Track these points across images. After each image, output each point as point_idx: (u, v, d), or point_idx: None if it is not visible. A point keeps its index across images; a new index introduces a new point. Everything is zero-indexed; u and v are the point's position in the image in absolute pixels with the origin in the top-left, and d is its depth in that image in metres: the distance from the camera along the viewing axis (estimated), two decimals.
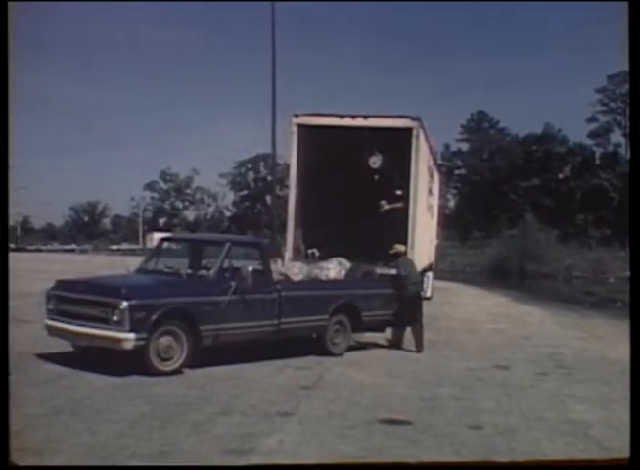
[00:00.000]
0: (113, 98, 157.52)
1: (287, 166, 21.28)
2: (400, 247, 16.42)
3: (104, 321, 11.41)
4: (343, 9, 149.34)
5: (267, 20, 33.37)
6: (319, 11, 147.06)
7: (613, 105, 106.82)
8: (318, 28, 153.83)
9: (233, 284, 12.45)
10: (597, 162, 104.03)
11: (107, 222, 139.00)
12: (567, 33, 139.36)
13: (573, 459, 8.43)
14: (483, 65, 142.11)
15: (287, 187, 20.48)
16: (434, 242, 29.32)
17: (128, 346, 11.28)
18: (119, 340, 11.28)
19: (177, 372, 11.64)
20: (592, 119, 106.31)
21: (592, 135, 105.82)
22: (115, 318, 11.30)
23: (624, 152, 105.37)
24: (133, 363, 11.40)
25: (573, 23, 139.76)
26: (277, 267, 15.06)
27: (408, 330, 15.98)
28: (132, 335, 11.26)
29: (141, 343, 11.31)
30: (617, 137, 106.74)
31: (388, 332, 16.08)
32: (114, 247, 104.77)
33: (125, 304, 11.27)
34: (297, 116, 18.51)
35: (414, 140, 18.11)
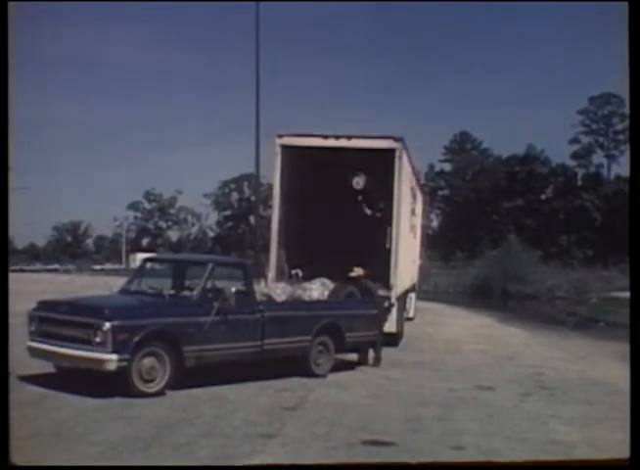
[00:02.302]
0: (96, 117, 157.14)
1: (270, 187, 21.32)
2: (359, 270, 16.43)
3: (86, 342, 11.37)
4: (326, 28, 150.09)
5: (252, 38, 33.59)
6: (302, 33, 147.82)
7: (595, 126, 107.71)
8: (302, 49, 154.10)
9: (216, 305, 12.42)
10: (579, 182, 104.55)
11: (90, 242, 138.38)
12: (549, 54, 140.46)
13: (573, 459, 8.44)
14: (466, 86, 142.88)
15: (270, 207, 20.49)
16: (418, 262, 29.37)
17: (111, 367, 11.24)
18: (102, 361, 11.23)
19: (160, 393, 11.60)
20: (574, 141, 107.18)
21: (574, 156, 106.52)
22: (98, 339, 11.26)
23: (606, 173, 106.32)
24: (116, 385, 11.36)
25: (556, 44, 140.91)
26: (260, 288, 15.07)
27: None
28: (115, 356, 11.22)
29: (124, 364, 11.27)
30: (600, 158, 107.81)
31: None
32: (98, 267, 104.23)
33: (108, 325, 11.24)
34: (280, 136, 18.56)
35: (397, 161, 18.18)
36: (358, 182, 19.71)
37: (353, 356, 15.91)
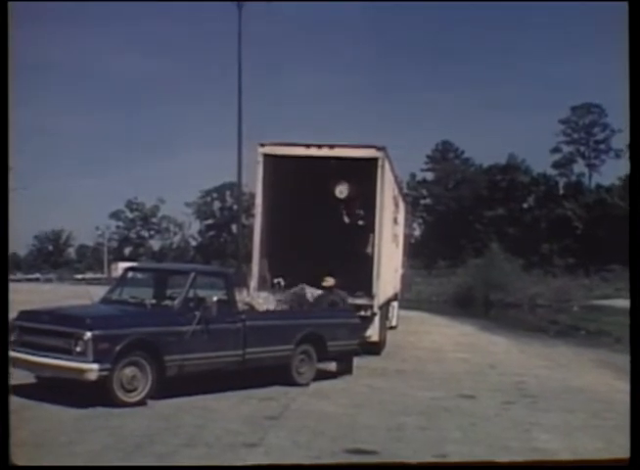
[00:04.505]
0: (78, 126, 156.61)
1: (253, 196, 21.31)
2: (330, 280, 16.41)
3: (67, 352, 11.32)
4: (309, 36, 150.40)
5: (234, 45, 33.70)
6: (285, 42, 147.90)
7: (576, 136, 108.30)
8: (284, 58, 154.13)
9: (198, 314, 12.40)
10: (561, 191, 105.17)
11: (71, 251, 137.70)
12: (531, 64, 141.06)
13: (573, 459, 8.44)
14: (448, 95, 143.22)
15: (253, 216, 20.48)
16: (400, 271, 29.41)
17: (92, 377, 11.19)
18: (83, 371, 11.18)
19: (141, 403, 11.55)
20: (556, 150, 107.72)
21: (556, 165, 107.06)
22: (79, 349, 11.21)
23: (588, 182, 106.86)
24: (97, 394, 11.30)
25: (538, 54, 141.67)
26: (242, 297, 15.04)
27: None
28: (96, 366, 11.17)
29: (105, 374, 11.22)
30: (581, 167, 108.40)
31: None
32: (79, 276, 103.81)
33: (89, 334, 11.20)
34: (262, 145, 18.54)
35: (379, 170, 18.19)
36: (341, 191, 19.73)
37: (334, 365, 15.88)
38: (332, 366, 15.64)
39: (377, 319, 18.35)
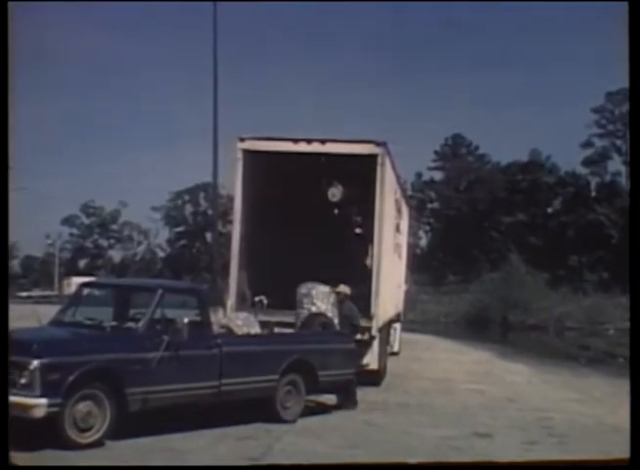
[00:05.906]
0: (26, 116, 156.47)
1: (231, 199, 21.26)
2: (345, 288, 16.50)
3: (10, 384, 11.25)
4: (315, 21, 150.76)
5: (209, 34, 33.86)
6: (281, 27, 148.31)
7: (611, 127, 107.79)
8: (279, 44, 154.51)
9: (166, 338, 12.38)
10: (593, 193, 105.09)
11: (15, 264, 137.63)
12: (558, 45, 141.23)
13: (574, 459, 8.44)
14: (461, 81, 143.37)
15: (230, 222, 20.44)
16: (403, 287, 29.44)
17: (39, 413, 11.13)
18: (29, 406, 11.10)
19: (98, 444, 11.51)
20: (587, 144, 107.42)
21: (587, 162, 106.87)
22: (24, 381, 11.16)
23: (624, 182, 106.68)
24: (46, 434, 11.25)
25: (567, 34, 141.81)
26: (218, 318, 15.04)
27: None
28: (44, 401, 11.11)
29: (55, 410, 11.17)
30: (617, 165, 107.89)
31: None
32: (24, 294, 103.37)
33: (35, 363, 11.15)
34: (242, 140, 18.48)
35: (379, 169, 18.17)
36: (334, 194, 19.75)
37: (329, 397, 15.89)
38: (324, 398, 15.65)
39: (376, 344, 18.36)
